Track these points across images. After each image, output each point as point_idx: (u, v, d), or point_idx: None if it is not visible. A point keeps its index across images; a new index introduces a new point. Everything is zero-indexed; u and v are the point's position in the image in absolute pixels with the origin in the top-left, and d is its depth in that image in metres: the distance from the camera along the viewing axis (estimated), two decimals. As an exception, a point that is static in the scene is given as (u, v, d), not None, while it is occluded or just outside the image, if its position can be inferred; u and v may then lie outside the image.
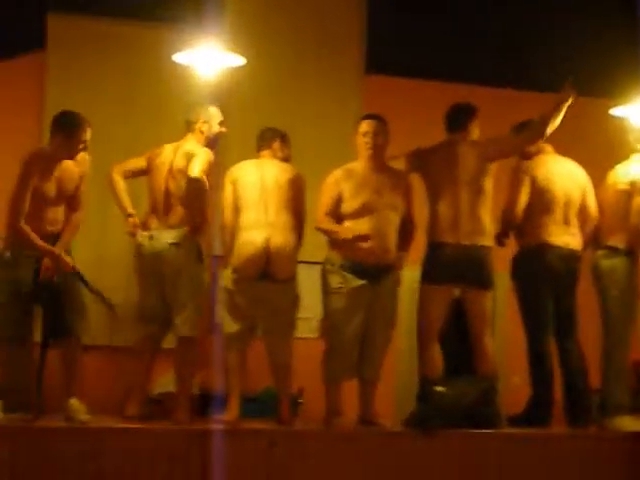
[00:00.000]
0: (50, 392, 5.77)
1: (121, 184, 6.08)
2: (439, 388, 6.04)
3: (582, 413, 6.47)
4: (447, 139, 6.34)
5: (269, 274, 5.99)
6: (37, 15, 7.06)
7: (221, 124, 6.23)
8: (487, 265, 6.18)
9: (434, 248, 6.19)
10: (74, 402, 5.74)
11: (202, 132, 6.17)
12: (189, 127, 6.19)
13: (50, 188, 5.80)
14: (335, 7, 7.75)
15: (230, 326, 6.07)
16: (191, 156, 5.96)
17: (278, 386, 6.13)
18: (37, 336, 5.80)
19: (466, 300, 6.24)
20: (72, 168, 5.90)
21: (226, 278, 6.09)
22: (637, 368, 7.35)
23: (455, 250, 6.09)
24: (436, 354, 6.14)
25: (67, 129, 5.81)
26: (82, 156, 5.93)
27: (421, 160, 6.30)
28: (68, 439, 5.52)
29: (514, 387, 7.31)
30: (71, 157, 5.84)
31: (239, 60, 6.50)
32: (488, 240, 6.21)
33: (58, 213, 5.89)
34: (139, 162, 6.18)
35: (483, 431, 6.10)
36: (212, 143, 6.18)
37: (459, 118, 6.33)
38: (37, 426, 5.60)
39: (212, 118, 6.19)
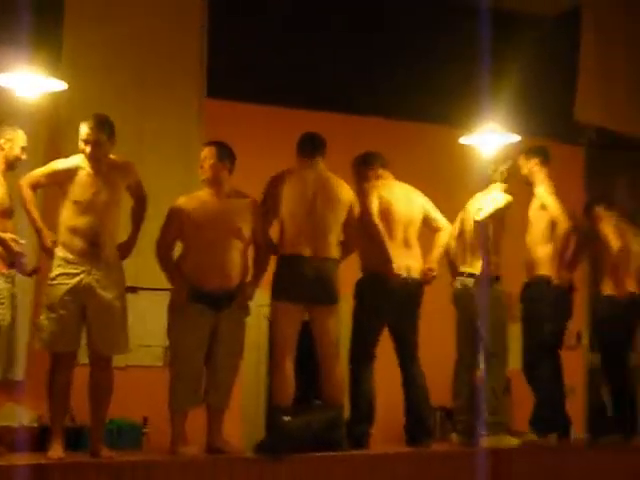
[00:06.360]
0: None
1: None
2: (287, 418, 6.02)
3: (424, 432, 6.61)
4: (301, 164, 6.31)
5: None
6: None
7: (23, 149, 5.95)
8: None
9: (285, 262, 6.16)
10: None
11: (3, 149, 5.88)
12: None
13: None
14: (176, 30, 7.70)
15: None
16: None
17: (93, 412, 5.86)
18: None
19: (314, 320, 6.23)
20: None
21: None
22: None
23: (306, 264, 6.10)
24: (288, 380, 6.10)
25: None
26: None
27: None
28: None
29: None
30: None
31: (60, 85, 6.37)
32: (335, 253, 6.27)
33: None
34: None
35: (329, 454, 6.13)
36: (10, 165, 5.90)
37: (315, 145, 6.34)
38: None
39: (17, 139, 5.92)
